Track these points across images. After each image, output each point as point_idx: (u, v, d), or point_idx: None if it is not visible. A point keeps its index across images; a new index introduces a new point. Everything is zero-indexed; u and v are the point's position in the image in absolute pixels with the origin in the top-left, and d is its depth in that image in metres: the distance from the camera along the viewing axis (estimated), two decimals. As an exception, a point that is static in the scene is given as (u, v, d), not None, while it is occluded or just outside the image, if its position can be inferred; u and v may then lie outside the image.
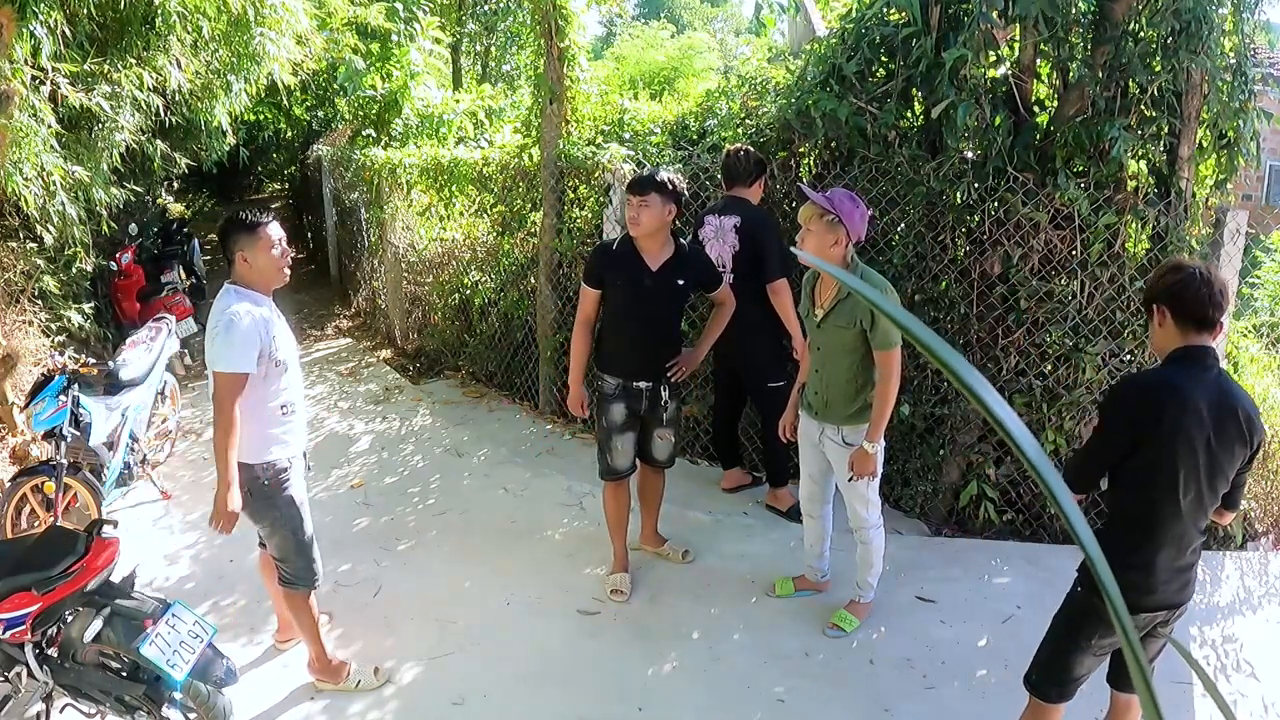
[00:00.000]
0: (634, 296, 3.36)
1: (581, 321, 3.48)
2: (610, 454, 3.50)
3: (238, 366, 2.64)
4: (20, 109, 4.22)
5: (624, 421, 3.45)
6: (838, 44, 4.18)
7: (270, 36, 5.68)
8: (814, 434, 3.24)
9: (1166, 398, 2.08)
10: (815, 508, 3.40)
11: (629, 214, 3.30)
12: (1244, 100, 3.75)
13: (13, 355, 4.92)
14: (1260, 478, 4.03)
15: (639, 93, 10.52)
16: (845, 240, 2.95)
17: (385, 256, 7.46)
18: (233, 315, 2.65)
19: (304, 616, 3.00)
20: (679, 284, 3.38)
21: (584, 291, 3.46)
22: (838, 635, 3.28)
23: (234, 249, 2.75)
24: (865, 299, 0.56)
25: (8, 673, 2.50)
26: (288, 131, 13.70)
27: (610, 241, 3.52)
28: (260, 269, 2.78)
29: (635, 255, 3.34)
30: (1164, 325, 2.18)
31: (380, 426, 5.59)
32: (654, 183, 3.25)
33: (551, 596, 3.62)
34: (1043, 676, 2.35)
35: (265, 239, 2.76)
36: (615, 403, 3.43)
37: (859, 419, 3.07)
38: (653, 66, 15.85)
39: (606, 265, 3.39)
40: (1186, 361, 2.14)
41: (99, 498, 4.01)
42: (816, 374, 3.16)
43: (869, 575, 3.31)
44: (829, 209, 2.90)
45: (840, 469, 3.16)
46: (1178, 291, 2.14)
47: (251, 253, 2.75)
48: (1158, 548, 2.15)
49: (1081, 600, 2.27)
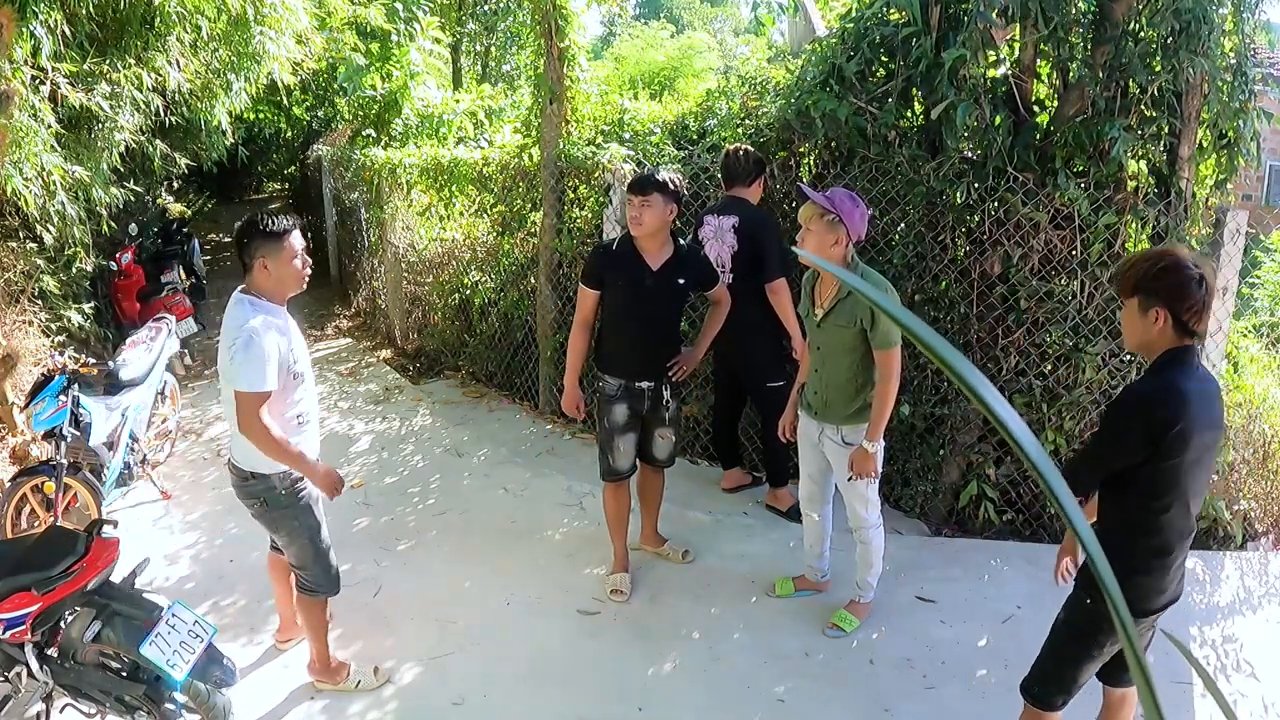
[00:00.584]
0: (635, 296, 3.35)
1: (580, 323, 3.48)
2: (612, 455, 3.49)
3: (259, 385, 2.56)
4: (20, 109, 4.22)
5: (626, 422, 3.45)
6: (837, 44, 4.18)
7: (270, 35, 5.68)
8: (813, 434, 3.24)
9: (1183, 411, 2.04)
10: (815, 508, 3.40)
11: (630, 214, 3.29)
12: (1244, 100, 3.74)
13: (13, 355, 4.92)
14: (1260, 477, 4.03)
15: (639, 93, 10.52)
16: (845, 240, 2.95)
17: (385, 256, 7.46)
18: (251, 332, 2.56)
19: (315, 619, 3.00)
20: (679, 283, 3.38)
21: (582, 292, 3.46)
22: (838, 635, 3.28)
23: (254, 255, 2.65)
24: (866, 298, 0.56)
25: (8, 673, 2.50)
26: (288, 131, 13.71)
27: (610, 241, 3.52)
28: (280, 278, 2.70)
29: (636, 255, 3.34)
30: (1161, 326, 2.11)
31: (380, 426, 5.59)
32: (655, 182, 3.25)
33: (551, 596, 3.62)
34: (1047, 687, 2.33)
35: (289, 249, 2.69)
36: (617, 403, 3.43)
37: (859, 419, 3.07)
38: (652, 66, 15.85)
39: (607, 265, 3.38)
40: (1184, 364, 2.10)
41: (99, 498, 4.01)
42: (816, 374, 3.16)
43: (869, 575, 3.31)
44: (829, 209, 2.90)
45: (840, 469, 3.16)
46: (1182, 295, 2.07)
47: (274, 261, 2.66)
48: (1171, 548, 2.16)
49: (1091, 610, 2.23)
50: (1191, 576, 3.67)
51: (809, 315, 3.15)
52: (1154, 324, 2.12)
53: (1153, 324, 2.12)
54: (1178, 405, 2.04)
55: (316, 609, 2.98)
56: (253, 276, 2.70)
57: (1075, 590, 2.35)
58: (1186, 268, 2.08)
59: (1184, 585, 2.27)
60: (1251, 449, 4.03)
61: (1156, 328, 2.12)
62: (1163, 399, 2.07)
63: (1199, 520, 3.90)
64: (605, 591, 3.60)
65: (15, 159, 4.25)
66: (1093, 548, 0.49)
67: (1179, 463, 2.07)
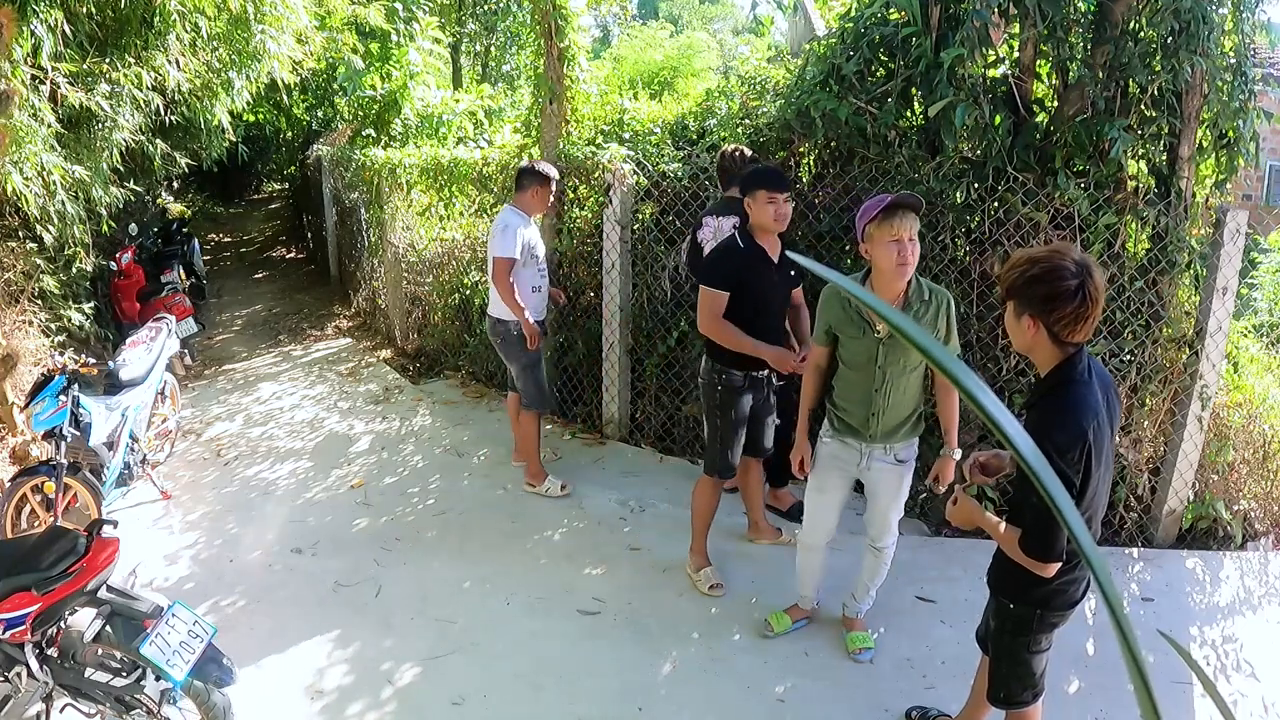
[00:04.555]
0: (766, 291, 3.37)
1: (719, 317, 3.31)
2: (733, 449, 3.51)
3: (507, 253, 4.12)
4: (20, 108, 4.22)
5: (748, 414, 3.49)
6: (837, 44, 4.18)
7: (271, 34, 5.68)
8: (853, 461, 2.99)
9: (1095, 422, 1.96)
10: (826, 539, 3.21)
11: (778, 211, 3.25)
12: (1244, 100, 3.74)
13: (13, 355, 4.92)
14: (1260, 477, 4.03)
15: (638, 93, 10.52)
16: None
17: (385, 256, 7.46)
18: (506, 222, 4.15)
19: (530, 430, 4.44)
20: (792, 275, 3.44)
21: (716, 296, 3.30)
22: (871, 655, 3.20)
23: (526, 185, 4.21)
24: (860, 298, 0.56)
25: (8, 673, 2.50)
26: (288, 131, 13.70)
27: (730, 243, 3.40)
28: (529, 205, 4.25)
29: (763, 252, 3.33)
30: (1035, 334, 1.98)
31: (380, 426, 5.59)
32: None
33: (551, 596, 3.62)
34: (1011, 688, 2.35)
35: (546, 191, 4.24)
36: (744, 395, 3.45)
37: (912, 434, 2.97)
38: (652, 66, 15.83)
39: (742, 266, 3.32)
40: (1080, 369, 2.00)
41: (99, 498, 4.01)
42: (873, 395, 2.86)
43: (877, 581, 3.24)
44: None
45: (889, 490, 3.02)
46: (1052, 306, 1.93)
47: (540, 191, 4.21)
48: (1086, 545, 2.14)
49: (1020, 613, 2.24)
50: (1191, 576, 3.68)
51: (863, 334, 2.83)
52: (1028, 331, 2.00)
53: (1027, 331, 2.01)
54: (1091, 419, 1.95)
55: (530, 421, 4.43)
56: (522, 196, 4.23)
57: (995, 600, 2.35)
58: (1062, 276, 1.92)
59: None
60: (1251, 449, 4.03)
61: (1031, 334, 2.00)
62: (1082, 417, 1.94)
63: (1199, 520, 3.93)
64: (704, 588, 3.57)
65: (15, 159, 4.25)
66: (1092, 552, 0.49)
67: (1095, 473, 2.01)
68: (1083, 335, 1.99)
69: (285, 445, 5.36)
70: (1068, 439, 1.94)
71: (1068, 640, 2.94)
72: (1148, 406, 3.91)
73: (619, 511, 4.31)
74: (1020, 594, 2.22)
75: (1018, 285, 1.99)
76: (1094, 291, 1.93)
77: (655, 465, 4.82)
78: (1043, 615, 2.21)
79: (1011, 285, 2.01)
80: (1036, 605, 2.20)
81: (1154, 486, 3.96)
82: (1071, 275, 1.92)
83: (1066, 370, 2.02)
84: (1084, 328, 1.97)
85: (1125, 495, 3.91)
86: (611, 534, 4.12)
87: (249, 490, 4.75)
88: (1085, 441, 1.94)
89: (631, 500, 4.39)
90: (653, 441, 5.01)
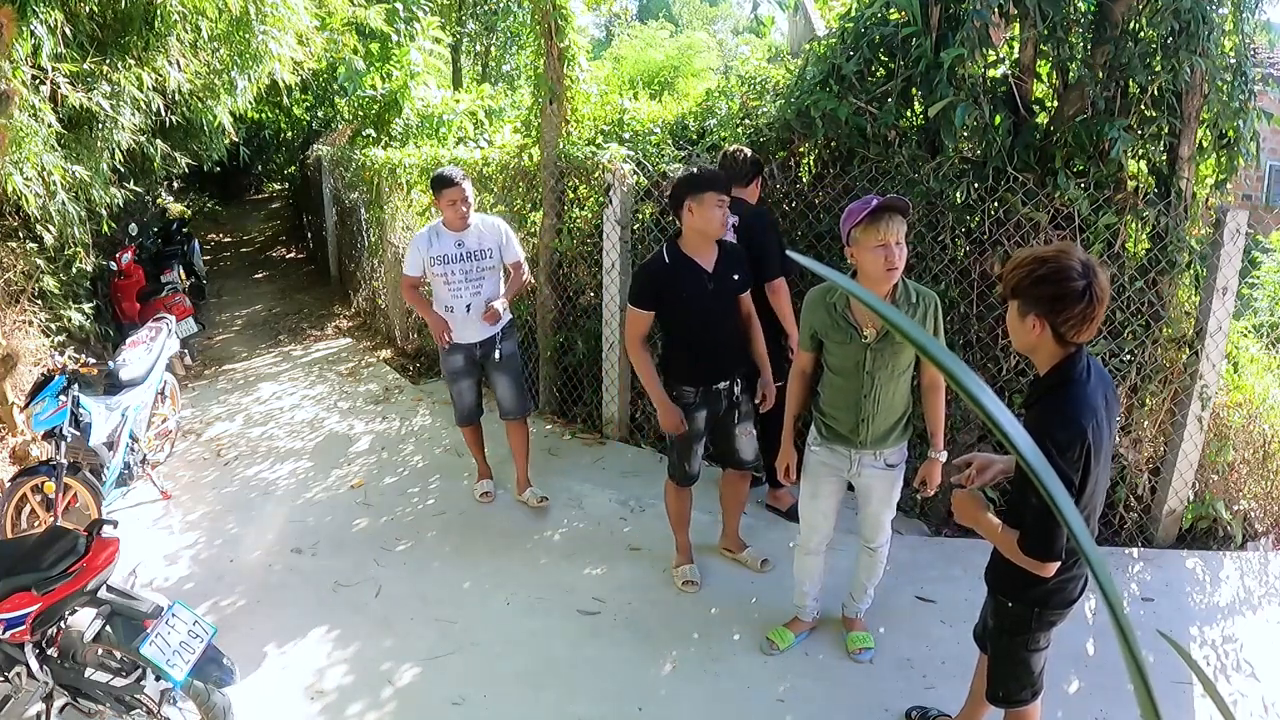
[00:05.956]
0: (700, 303, 3.25)
1: (639, 341, 3.31)
2: (690, 461, 3.49)
3: (407, 270, 4.10)
4: (20, 109, 4.22)
5: (704, 428, 3.46)
6: (837, 44, 4.17)
7: (273, 34, 5.68)
8: (844, 467, 2.96)
9: (1094, 421, 1.96)
10: (823, 544, 3.20)
11: (720, 216, 3.18)
12: (1244, 100, 3.74)
13: (13, 355, 4.92)
14: (1260, 477, 4.03)
15: (638, 93, 10.52)
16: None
17: (385, 256, 7.45)
18: (415, 237, 4.09)
19: (473, 446, 4.46)
20: (735, 280, 3.33)
21: (635, 314, 3.27)
22: (871, 655, 3.20)
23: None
24: (865, 301, 0.56)
25: (8, 673, 2.50)
26: (288, 131, 13.70)
27: (656, 258, 3.34)
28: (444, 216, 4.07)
29: (691, 263, 3.24)
30: (1039, 334, 1.98)
31: (380, 426, 5.59)
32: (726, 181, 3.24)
33: (551, 596, 3.62)
34: (1010, 688, 2.35)
35: (441, 199, 3.98)
36: (697, 410, 3.40)
37: (900, 438, 2.95)
38: (652, 66, 15.84)
39: (664, 283, 3.24)
40: (1080, 368, 2.01)
41: (99, 498, 4.02)
42: (865, 400, 2.82)
43: (873, 580, 3.25)
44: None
45: (881, 494, 3.01)
46: (1059, 306, 1.93)
47: (438, 200, 4.02)
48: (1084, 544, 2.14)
49: (1017, 612, 2.24)
50: (1191, 576, 3.67)
51: (850, 340, 2.78)
52: (1032, 331, 2.00)
53: (1031, 331, 2.00)
54: (1091, 418, 1.96)
55: (469, 436, 4.46)
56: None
57: (993, 598, 2.36)
58: (1069, 277, 1.92)
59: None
60: (1251, 449, 4.03)
61: (1035, 334, 2.00)
62: (1083, 416, 1.95)
63: (1199, 520, 3.93)
64: (679, 583, 3.60)
65: (15, 159, 4.25)
66: (1092, 551, 0.49)
67: (1095, 471, 2.01)
68: (1087, 335, 2.00)
69: (285, 445, 5.36)
70: (1068, 437, 1.95)
71: (1068, 640, 2.94)
72: (1148, 406, 3.91)
73: (619, 511, 4.31)
74: (1018, 592, 2.23)
75: (1023, 285, 1.99)
76: (1100, 292, 1.93)
77: (655, 465, 4.82)
78: (1041, 614, 2.21)
79: (1017, 285, 2.00)
80: (1034, 604, 2.21)
81: (1154, 486, 3.96)
82: (1078, 276, 1.92)
83: (1066, 369, 2.02)
84: (1089, 328, 1.98)
85: (1125, 495, 3.91)
86: (611, 534, 4.12)
87: (249, 490, 4.75)
88: (1085, 440, 1.95)
89: (631, 500, 4.39)
90: (653, 441, 5.01)
